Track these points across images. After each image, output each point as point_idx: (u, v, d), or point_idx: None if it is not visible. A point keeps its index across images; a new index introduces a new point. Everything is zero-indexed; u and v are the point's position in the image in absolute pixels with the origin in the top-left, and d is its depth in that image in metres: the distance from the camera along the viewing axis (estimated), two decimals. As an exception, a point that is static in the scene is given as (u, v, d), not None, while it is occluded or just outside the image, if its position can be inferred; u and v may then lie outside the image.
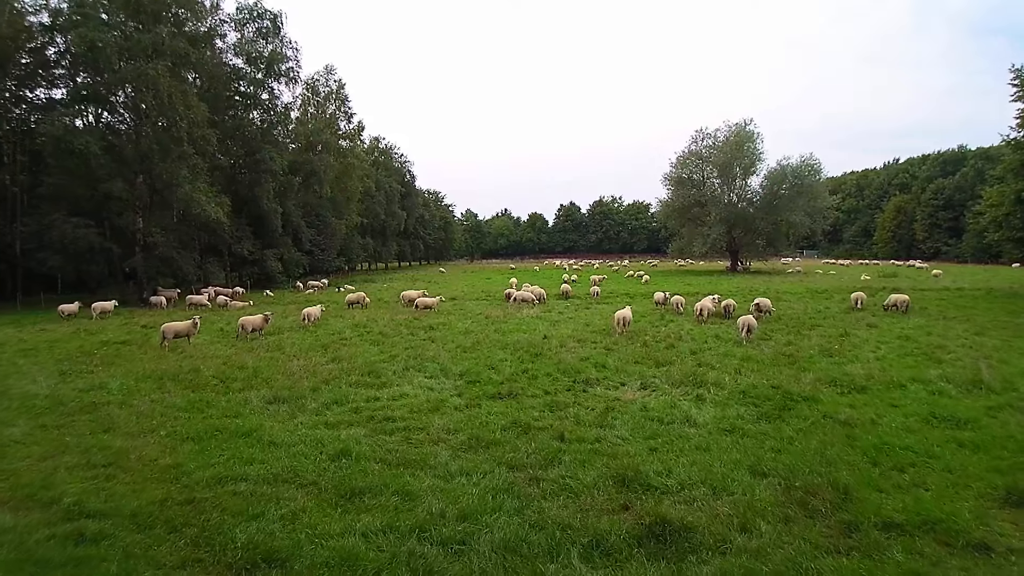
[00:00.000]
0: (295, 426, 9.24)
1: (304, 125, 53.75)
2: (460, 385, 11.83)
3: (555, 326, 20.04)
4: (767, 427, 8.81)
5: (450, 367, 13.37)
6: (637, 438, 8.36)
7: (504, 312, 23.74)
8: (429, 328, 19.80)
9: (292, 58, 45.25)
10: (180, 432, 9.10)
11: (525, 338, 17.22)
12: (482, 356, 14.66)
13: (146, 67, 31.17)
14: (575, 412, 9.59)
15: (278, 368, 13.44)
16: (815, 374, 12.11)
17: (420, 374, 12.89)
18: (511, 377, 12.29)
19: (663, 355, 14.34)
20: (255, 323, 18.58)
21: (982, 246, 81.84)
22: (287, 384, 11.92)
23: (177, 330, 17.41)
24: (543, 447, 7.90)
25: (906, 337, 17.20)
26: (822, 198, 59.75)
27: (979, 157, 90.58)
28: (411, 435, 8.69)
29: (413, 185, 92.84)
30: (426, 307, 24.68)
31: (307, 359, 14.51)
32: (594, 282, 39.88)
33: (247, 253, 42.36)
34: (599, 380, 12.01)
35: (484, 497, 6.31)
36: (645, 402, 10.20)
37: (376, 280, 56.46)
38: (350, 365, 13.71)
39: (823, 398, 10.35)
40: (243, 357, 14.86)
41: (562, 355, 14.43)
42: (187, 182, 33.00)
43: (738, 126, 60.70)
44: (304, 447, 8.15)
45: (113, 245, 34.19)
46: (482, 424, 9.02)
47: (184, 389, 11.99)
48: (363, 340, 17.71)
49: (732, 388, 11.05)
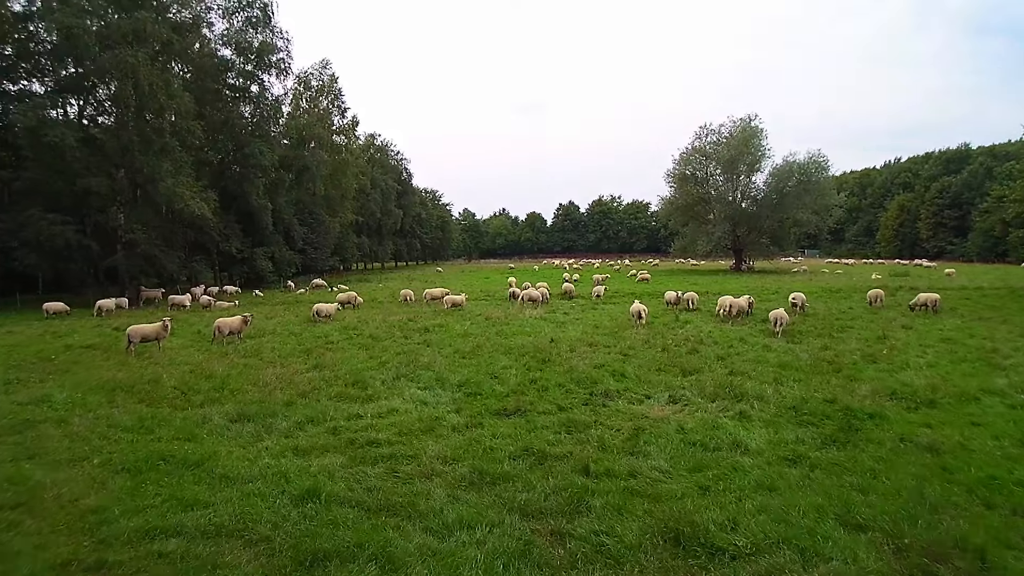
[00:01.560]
0: (258, 453, 7.57)
1: (296, 119, 51.95)
2: (459, 398, 10.17)
3: (561, 328, 18.40)
4: (838, 455, 7.17)
5: (447, 376, 11.71)
6: (680, 470, 6.71)
7: (505, 313, 22.07)
8: (424, 330, 18.13)
9: (283, 49, 43.52)
10: (117, 460, 7.43)
11: (530, 342, 15.58)
12: (483, 363, 13.01)
13: (125, 54, 29.40)
14: (598, 434, 7.93)
15: (250, 377, 11.75)
16: (869, 384, 10.48)
17: (413, 384, 11.23)
18: (517, 388, 10.63)
19: (687, 361, 12.71)
20: (232, 325, 16.88)
21: (989, 244, 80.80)
22: (257, 397, 10.24)
23: (145, 333, 15.69)
24: (564, 484, 6.25)
25: (949, 340, 15.63)
26: (829, 195, 58.11)
27: (985, 155, 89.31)
28: (398, 465, 7.03)
29: (410, 183, 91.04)
30: (454, 304, 24.25)
31: (285, 366, 12.82)
32: (597, 281, 38.24)
33: (235, 251, 40.56)
34: (619, 392, 10.36)
35: (492, 566, 4.65)
36: (680, 421, 8.55)
37: (371, 280, 54.63)
38: (333, 374, 12.04)
39: (890, 415, 8.73)
40: (213, 364, 13.17)
41: (573, 361, 12.78)
42: (170, 176, 31.22)
43: (743, 121, 59.11)
44: (264, 484, 6.48)
45: (92, 243, 32.37)
46: (486, 451, 7.37)
47: (137, 403, 10.30)
48: (351, 344, 16.03)
49: (778, 402, 9.42)
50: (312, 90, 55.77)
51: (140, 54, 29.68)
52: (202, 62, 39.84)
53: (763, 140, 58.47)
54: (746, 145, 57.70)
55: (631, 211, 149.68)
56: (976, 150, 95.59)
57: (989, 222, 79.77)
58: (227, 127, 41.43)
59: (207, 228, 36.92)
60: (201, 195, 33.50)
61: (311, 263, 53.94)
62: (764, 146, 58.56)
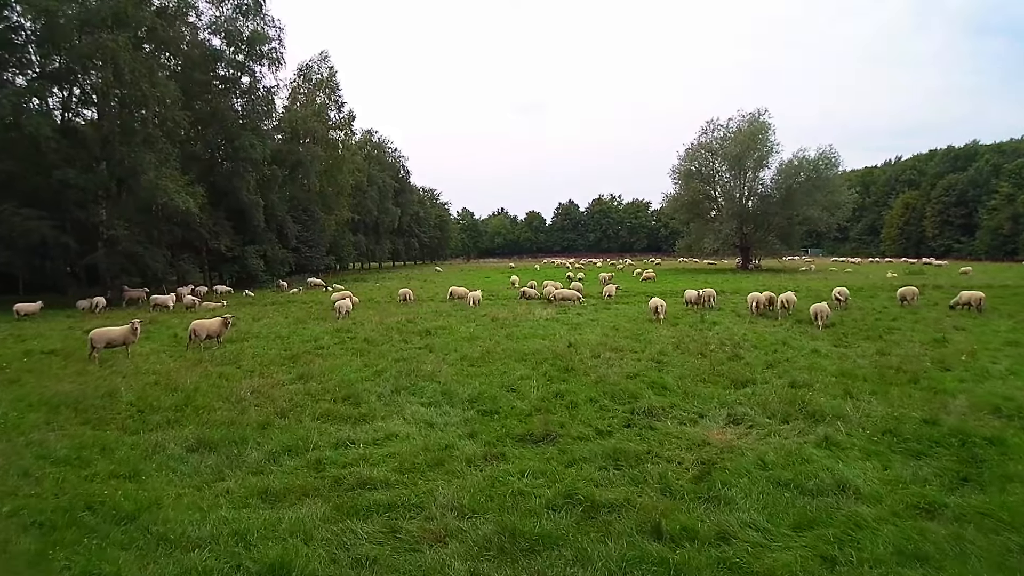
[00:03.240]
0: (214, 499, 5.78)
1: (291, 113, 50.06)
2: (471, 417, 8.40)
3: (577, 330, 16.65)
4: (979, 500, 5.42)
5: (455, 388, 9.93)
6: (782, 528, 4.95)
7: (513, 314, 20.31)
8: (426, 333, 16.36)
9: (275, 38, 41.65)
10: (31, 509, 5.64)
11: (546, 346, 13.82)
12: (496, 371, 11.25)
13: (105, 39, 27.55)
14: (658, 471, 6.16)
15: (222, 391, 9.94)
16: (962, 398, 8.75)
17: (415, 399, 9.46)
18: (541, 405, 8.86)
19: (732, 370, 10.96)
20: (211, 328, 15.05)
21: (997, 243, 79.32)
22: (227, 417, 8.45)
23: (110, 338, 13.87)
24: (632, 554, 4.49)
25: (1015, 343, 13.92)
26: (840, 192, 56.43)
27: (992, 152, 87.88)
28: (399, 521, 5.25)
29: (408, 181, 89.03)
30: (476, 302, 23.82)
31: (265, 376, 11.04)
32: (604, 280, 36.52)
33: (225, 250, 38.63)
34: (665, 409, 8.59)
35: None
36: (755, 450, 6.79)
37: (368, 279, 52.71)
38: (321, 386, 10.25)
39: (1010, 439, 6.98)
40: (183, 374, 11.36)
41: (601, 370, 11.02)
42: (153, 169, 29.35)
43: (752, 116, 57.45)
44: (213, 552, 4.70)
45: (71, 240, 30.48)
46: (515, 497, 5.59)
47: (82, 424, 8.51)
48: (344, 349, 14.23)
49: (865, 423, 7.67)
50: (311, 83, 53.87)
51: (121, 38, 27.82)
52: (190, 52, 37.98)
53: (772, 135, 56.88)
54: (754, 140, 56.04)
55: (631, 210, 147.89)
56: (983, 147, 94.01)
57: (997, 220, 78.34)
58: (216, 119, 39.48)
59: (195, 225, 35.03)
60: (187, 189, 31.59)
61: (305, 262, 52.01)
62: (773, 141, 56.97)
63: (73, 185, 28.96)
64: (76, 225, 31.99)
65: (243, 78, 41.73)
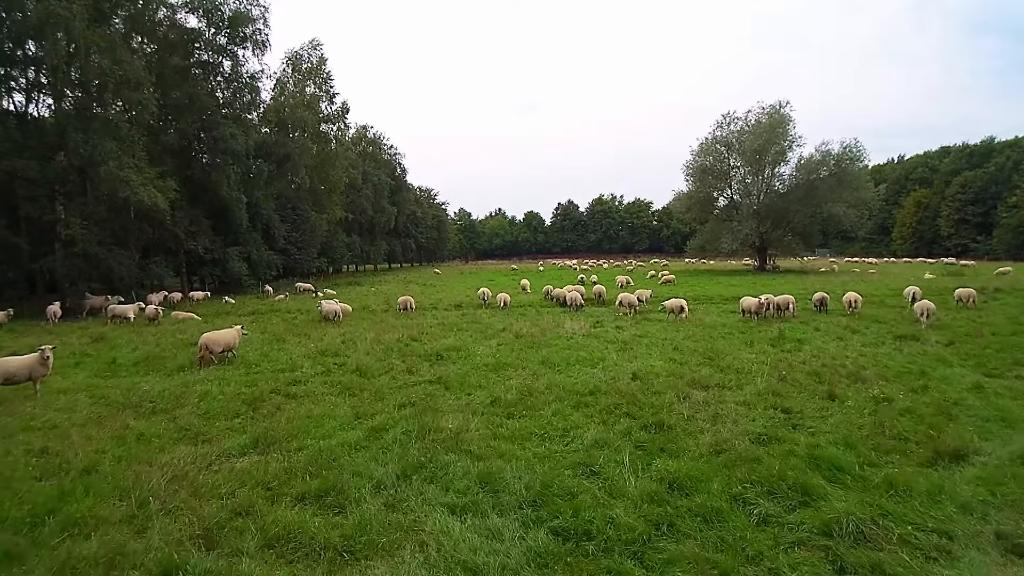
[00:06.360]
0: None
1: (279, 103, 46.22)
2: (542, 547, 4.71)
3: (630, 352, 13.00)
4: None
5: (498, 470, 6.20)
6: None
7: (539, 328, 16.59)
8: (436, 357, 12.67)
9: (259, 18, 37.77)
10: None
11: (601, 379, 10.17)
12: (550, 429, 7.58)
13: (57, 6, 23.76)
14: None
15: (126, 476, 6.20)
16: None
17: (437, 492, 5.78)
18: (658, 516, 5.20)
19: (907, 428, 7.32)
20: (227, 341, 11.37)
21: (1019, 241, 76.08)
22: (108, 548, 4.72)
23: (8, 372, 10.10)
24: None
25: None
26: (865, 188, 52.94)
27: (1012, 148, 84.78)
28: None
29: (404, 180, 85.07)
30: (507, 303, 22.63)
31: (204, 442, 7.31)
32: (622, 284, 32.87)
33: (203, 251, 34.71)
34: (878, 524, 4.93)
35: None
36: None
37: (363, 283, 48.75)
38: (286, 463, 6.53)
39: None
40: (86, 433, 7.62)
41: (706, 426, 7.38)
42: (113, 158, 25.52)
43: (772, 108, 53.87)
44: None
45: (22, 241, 26.65)
46: None
47: None
48: (328, 385, 10.47)
49: None
50: (301, 72, 49.97)
51: (76, 6, 24.01)
52: (166, 34, 34.15)
53: (792, 128, 53.36)
54: (774, 133, 52.53)
55: (632, 210, 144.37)
56: (1000, 143, 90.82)
57: (1018, 217, 75.14)
58: (194, 107, 35.55)
59: (168, 224, 31.19)
60: (156, 183, 27.75)
61: (295, 264, 48.07)
62: (794, 134, 53.43)
63: (22, 177, 25.17)
64: (29, 224, 28.13)
65: (224, 62, 37.81)
